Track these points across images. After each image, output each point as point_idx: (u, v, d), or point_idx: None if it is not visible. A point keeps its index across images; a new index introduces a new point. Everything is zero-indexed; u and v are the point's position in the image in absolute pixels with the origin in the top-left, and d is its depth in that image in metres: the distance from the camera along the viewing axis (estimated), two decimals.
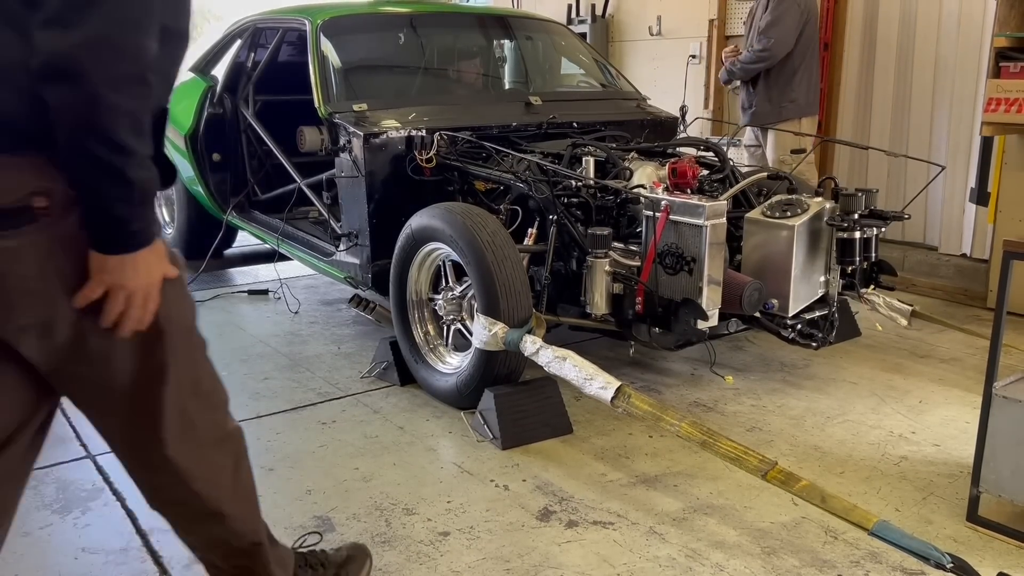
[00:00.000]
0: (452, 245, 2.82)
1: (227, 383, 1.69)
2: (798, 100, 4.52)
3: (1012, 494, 2.12)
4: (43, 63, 1.12)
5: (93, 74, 1.11)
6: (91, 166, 1.16)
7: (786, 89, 4.50)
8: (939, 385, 3.20)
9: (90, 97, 1.11)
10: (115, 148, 1.15)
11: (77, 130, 1.14)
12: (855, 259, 2.82)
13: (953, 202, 4.61)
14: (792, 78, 4.49)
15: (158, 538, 2.18)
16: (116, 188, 1.18)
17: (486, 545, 2.14)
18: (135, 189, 1.19)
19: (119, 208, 1.19)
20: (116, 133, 1.14)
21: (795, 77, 4.49)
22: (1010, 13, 3.82)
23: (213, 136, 4.63)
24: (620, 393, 2.28)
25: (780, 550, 2.11)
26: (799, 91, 4.51)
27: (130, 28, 1.14)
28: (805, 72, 4.51)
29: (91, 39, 1.10)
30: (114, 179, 1.17)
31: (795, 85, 4.50)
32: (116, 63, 1.12)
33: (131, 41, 1.14)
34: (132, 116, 1.16)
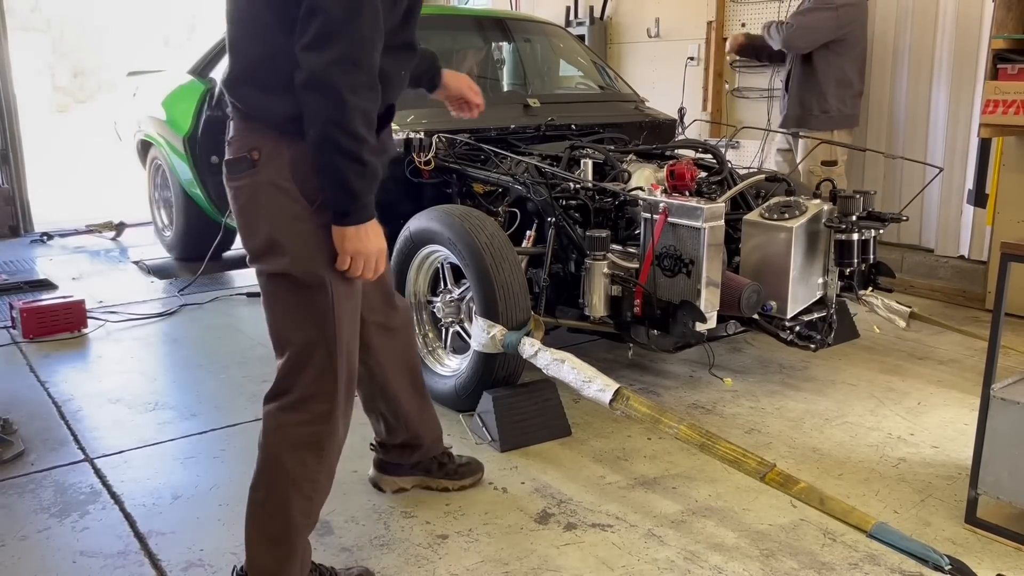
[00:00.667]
0: (450, 247, 2.82)
1: (226, 385, 1.70)
2: (831, 111, 4.39)
3: (1010, 496, 2.12)
4: (305, 78, 1.54)
5: (341, 84, 1.53)
6: (337, 151, 1.56)
7: (819, 99, 4.38)
8: (937, 387, 3.21)
9: (339, 101, 1.53)
10: (354, 137, 1.56)
11: (328, 124, 1.55)
12: (853, 261, 2.83)
13: (950, 204, 4.61)
14: (827, 87, 4.36)
15: (156, 541, 2.18)
16: (354, 167, 1.58)
17: (485, 548, 2.14)
18: (367, 169, 1.60)
19: (355, 183, 1.60)
20: (354, 126, 1.55)
21: (830, 87, 4.36)
22: (1008, 15, 3.82)
23: (212, 139, 4.62)
24: (619, 395, 2.28)
25: (779, 552, 2.11)
26: (833, 102, 4.38)
27: (365, 48, 1.56)
28: (843, 84, 4.38)
29: (338, 59, 1.53)
30: (353, 160, 1.57)
31: (829, 96, 4.37)
32: (356, 75, 1.55)
33: (365, 58, 1.56)
34: (365, 113, 1.58)
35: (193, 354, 3.64)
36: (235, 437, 2.78)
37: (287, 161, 1.65)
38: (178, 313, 4.22)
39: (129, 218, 6.25)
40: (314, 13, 1.53)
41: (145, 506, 2.35)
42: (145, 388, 3.24)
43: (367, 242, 1.66)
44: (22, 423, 2.88)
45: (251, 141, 1.67)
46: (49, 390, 3.22)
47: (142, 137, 5.42)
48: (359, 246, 1.65)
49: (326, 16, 1.52)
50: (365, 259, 1.67)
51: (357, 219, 1.64)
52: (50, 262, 5.42)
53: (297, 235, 1.67)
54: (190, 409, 3.03)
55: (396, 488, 2.39)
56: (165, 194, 5.42)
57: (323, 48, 1.53)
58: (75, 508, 2.35)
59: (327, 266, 1.68)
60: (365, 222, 1.65)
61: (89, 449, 2.72)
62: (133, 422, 2.93)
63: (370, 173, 1.61)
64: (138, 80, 5.66)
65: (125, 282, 4.88)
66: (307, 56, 1.54)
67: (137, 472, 2.56)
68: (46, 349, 3.69)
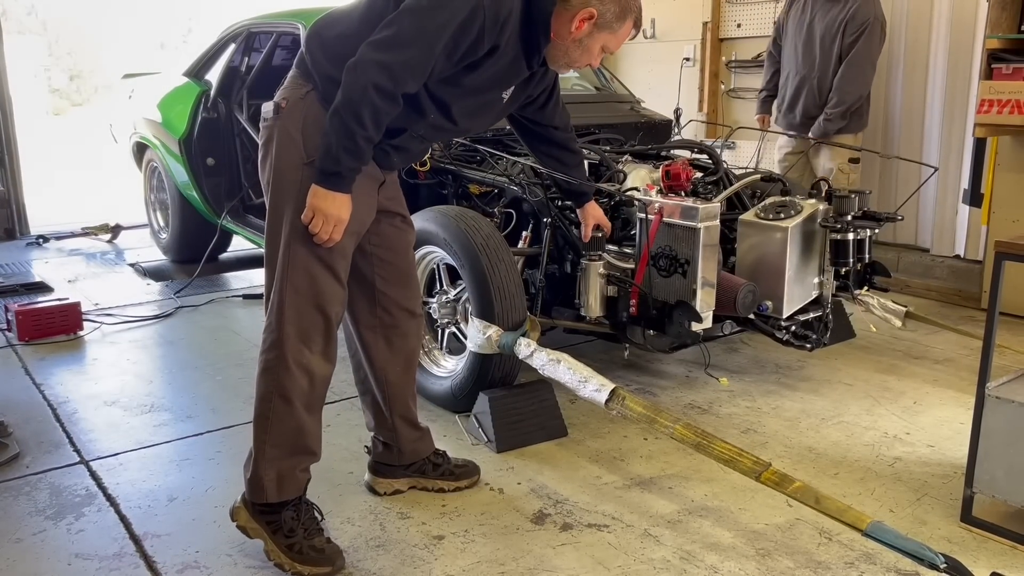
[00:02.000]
0: (446, 248, 2.82)
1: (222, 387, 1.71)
2: (864, 117, 4.38)
3: (1006, 494, 2.12)
4: (353, 61, 1.83)
5: (370, 79, 1.81)
6: (340, 123, 1.83)
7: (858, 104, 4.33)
8: (933, 386, 3.21)
9: (362, 89, 1.81)
10: (358, 120, 1.83)
11: (345, 100, 1.83)
12: (849, 260, 2.83)
13: (946, 203, 4.62)
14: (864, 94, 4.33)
15: (152, 543, 2.17)
16: (346, 142, 1.84)
17: (481, 548, 2.14)
18: (357, 148, 1.85)
19: (342, 155, 1.85)
20: (362, 113, 1.82)
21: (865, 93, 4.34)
22: (1002, 15, 3.83)
23: (207, 141, 4.62)
24: (614, 396, 2.28)
25: (775, 552, 2.11)
26: (864, 107, 4.37)
27: (404, 69, 1.84)
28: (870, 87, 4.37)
29: (382, 62, 1.82)
30: (347, 134, 1.84)
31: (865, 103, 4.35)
32: (385, 81, 1.82)
33: (399, 75, 1.83)
34: (377, 111, 1.83)
35: (189, 356, 3.63)
36: (231, 439, 2.78)
37: (301, 116, 1.96)
38: (174, 315, 4.21)
39: (125, 220, 6.23)
40: (391, 24, 1.85)
41: (141, 508, 2.35)
42: (141, 390, 3.24)
43: (330, 205, 1.89)
44: (17, 426, 2.88)
45: (286, 92, 2.01)
46: (45, 392, 3.22)
47: (138, 139, 5.41)
48: (323, 205, 1.89)
49: (397, 30, 1.84)
50: (324, 219, 1.90)
51: (331, 184, 1.88)
52: (46, 264, 5.41)
53: (287, 176, 1.97)
54: (186, 411, 3.02)
55: (391, 490, 2.40)
56: (161, 196, 5.42)
57: (379, 50, 1.83)
58: (70, 510, 2.34)
59: (295, 208, 1.95)
60: (337, 190, 1.89)
61: (84, 451, 2.71)
62: (129, 424, 2.92)
63: (357, 153, 1.87)
64: (134, 82, 5.66)
65: (121, 284, 4.87)
66: (365, 48, 1.84)
67: (133, 474, 2.56)
68: (42, 352, 3.69)
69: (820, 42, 4.32)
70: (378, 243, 2.18)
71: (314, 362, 2.03)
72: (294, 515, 2.05)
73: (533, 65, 2.05)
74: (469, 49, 1.89)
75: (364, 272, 2.19)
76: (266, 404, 2.02)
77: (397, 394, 2.33)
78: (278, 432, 2.02)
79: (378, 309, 2.23)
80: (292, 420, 2.03)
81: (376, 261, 2.20)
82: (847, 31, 4.20)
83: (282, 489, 2.05)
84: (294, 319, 1.98)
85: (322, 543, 2.06)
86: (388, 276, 2.22)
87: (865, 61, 4.23)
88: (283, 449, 2.03)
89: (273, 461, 2.03)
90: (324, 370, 2.07)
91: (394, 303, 2.24)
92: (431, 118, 2.02)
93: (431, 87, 1.95)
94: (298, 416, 2.03)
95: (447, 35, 1.84)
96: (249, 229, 4.47)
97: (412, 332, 2.31)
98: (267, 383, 2.02)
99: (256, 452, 2.04)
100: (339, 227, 1.93)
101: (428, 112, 2.00)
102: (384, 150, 2.01)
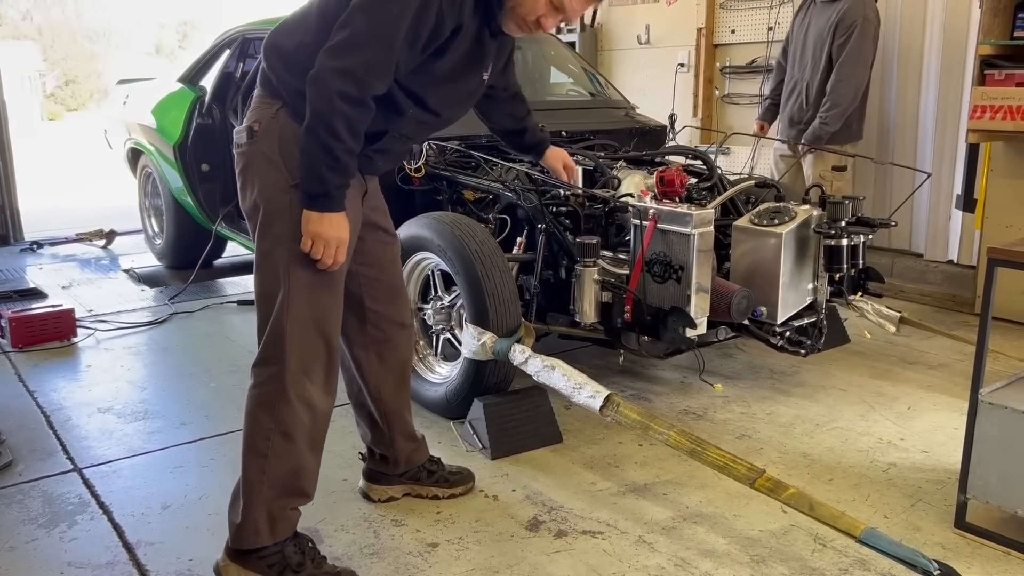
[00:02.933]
0: (441, 255, 2.82)
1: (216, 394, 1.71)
2: (852, 126, 4.31)
3: (999, 500, 2.13)
4: (314, 72, 1.76)
5: (335, 88, 1.74)
6: (316, 140, 1.76)
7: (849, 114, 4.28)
8: (927, 391, 3.22)
9: (329, 100, 1.74)
10: (333, 134, 1.75)
11: (315, 115, 1.76)
12: (843, 266, 2.83)
13: (939, 209, 4.64)
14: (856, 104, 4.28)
15: (145, 551, 2.16)
16: (326, 158, 1.76)
17: (475, 556, 2.13)
18: (338, 163, 1.77)
19: (326, 173, 1.78)
20: (335, 125, 1.75)
21: (857, 103, 4.28)
22: (994, 21, 3.85)
23: (202, 146, 4.62)
24: (609, 402, 2.28)
25: (769, 558, 2.11)
26: (855, 117, 4.31)
27: (366, 70, 1.76)
28: (862, 97, 4.31)
29: (342, 68, 1.74)
30: (326, 152, 1.76)
31: (854, 112, 4.28)
32: (350, 87, 1.74)
33: (363, 77, 1.76)
34: (349, 120, 1.76)
35: (183, 363, 3.63)
36: (225, 446, 2.77)
37: (277, 136, 1.87)
38: (168, 321, 4.20)
39: (119, 226, 6.22)
40: (344, 26, 1.77)
41: (134, 516, 2.34)
42: (135, 397, 3.23)
43: (328, 228, 1.82)
44: (10, 433, 2.87)
45: (256, 114, 1.92)
46: (38, 399, 3.20)
47: (132, 145, 5.41)
48: (319, 229, 1.82)
49: (351, 32, 1.76)
50: (325, 243, 1.83)
51: (321, 206, 1.81)
52: (40, 271, 5.40)
53: (274, 201, 1.88)
54: (180, 418, 3.01)
55: (386, 497, 2.39)
56: (155, 202, 5.41)
57: (337, 56, 1.75)
58: (63, 518, 2.33)
59: (290, 234, 1.86)
60: (329, 211, 1.82)
61: (78, 459, 2.70)
62: (122, 431, 2.91)
63: (341, 169, 1.79)
64: (128, 88, 5.66)
65: (115, 290, 4.86)
66: (322, 56, 1.77)
67: (126, 482, 2.55)
68: (35, 358, 3.67)
69: (812, 47, 4.33)
70: (363, 261, 2.12)
71: (316, 396, 1.94)
72: (296, 549, 1.98)
73: (495, 33, 1.96)
74: (432, 34, 1.81)
75: (352, 291, 2.12)
76: (264, 441, 1.90)
77: (393, 410, 2.29)
78: (277, 472, 1.92)
79: (368, 327, 2.18)
80: (292, 459, 1.93)
81: (363, 280, 2.14)
82: (837, 33, 4.18)
83: (276, 530, 1.96)
84: (297, 350, 1.89)
85: (333, 568, 2.01)
86: (377, 293, 2.17)
87: (855, 62, 4.17)
88: (278, 490, 1.94)
89: (267, 502, 1.93)
90: (325, 404, 1.98)
91: (385, 319, 2.20)
92: (410, 114, 1.94)
93: (403, 82, 1.87)
94: (299, 454, 1.94)
95: (404, 26, 1.76)
96: (244, 235, 4.46)
97: (404, 343, 2.28)
98: (265, 418, 1.90)
99: (250, 494, 1.93)
100: (341, 248, 1.86)
101: (406, 109, 1.92)
102: (367, 156, 1.94)
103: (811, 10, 4.40)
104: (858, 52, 4.16)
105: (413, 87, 1.90)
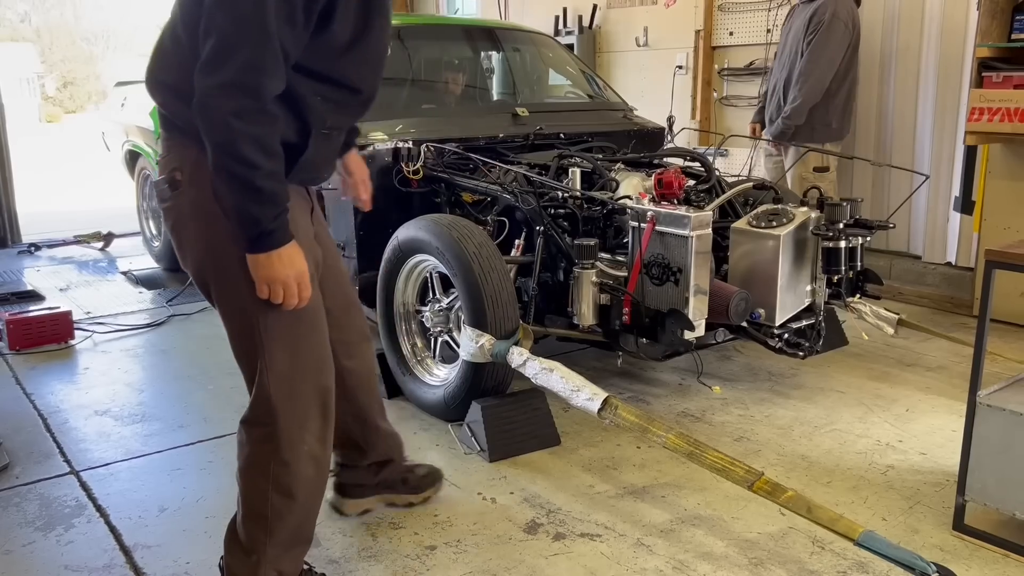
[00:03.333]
0: (439, 257, 2.82)
1: (215, 397, 1.70)
2: (832, 124, 4.34)
3: (997, 502, 2.12)
4: (196, 101, 1.52)
5: (225, 110, 1.51)
6: (230, 178, 1.54)
7: (823, 112, 4.31)
8: (926, 393, 3.22)
9: (225, 127, 1.51)
10: (244, 163, 1.52)
11: (217, 150, 1.54)
12: (841, 268, 2.83)
13: (937, 211, 4.64)
14: (831, 101, 4.30)
15: (142, 555, 2.16)
16: (247, 194, 1.55)
17: (473, 559, 2.13)
18: (263, 193, 1.55)
19: (253, 209, 1.56)
20: (244, 152, 1.52)
21: (834, 100, 4.31)
22: (992, 23, 3.85)
23: None
24: (607, 405, 2.27)
25: (767, 561, 2.11)
26: (835, 115, 4.33)
27: (252, 73, 1.51)
28: (845, 96, 4.34)
29: (224, 83, 1.50)
30: (245, 187, 1.54)
31: (832, 109, 4.31)
32: (240, 100, 1.51)
33: (252, 82, 1.52)
34: (257, 139, 1.53)
35: (181, 365, 3.62)
36: (222, 449, 2.77)
37: (207, 181, 1.61)
38: (166, 324, 4.20)
39: (117, 228, 6.22)
40: (208, 35, 1.52)
41: (131, 519, 2.34)
42: (132, 400, 3.22)
43: (280, 268, 1.61)
44: (7, 436, 2.86)
45: (174, 160, 1.68)
46: (35, 402, 3.20)
47: (130, 147, 5.40)
48: (271, 273, 1.61)
49: (217, 38, 1.51)
50: (283, 285, 1.63)
51: (263, 246, 1.59)
52: (37, 273, 5.40)
53: (224, 256, 1.67)
54: (177, 421, 3.01)
55: (361, 510, 2.31)
56: (153, 204, 5.40)
57: (212, 71, 1.51)
58: (60, 521, 2.33)
59: (248, 287, 1.65)
60: (274, 248, 1.60)
61: (75, 462, 2.70)
62: (120, 434, 2.91)
63: (269, 199, 1.57)
64: (127, 90, 5.65)
65: (113, 293, 4.85)
66: (199, 77, 1.53)
67: (123, 485, 2.54)
68: (32, 361, 3.67)
69: (790, 46, 4.41)
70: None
71: (316, 448, 1.80)
72: None
73: None
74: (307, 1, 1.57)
75: None
76: (262, 502, 1.76)
77: (366, 417, 2.17)
78: (280, 531, 1.79)
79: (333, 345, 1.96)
80: (295, 516, 1.81)
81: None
82: (808, 31, 4.26)
83: None
84: (286, 408, 1.73)
85: None
86: (337, 320, 1.97)
87: (819, 56, 4.20)
88: (284, 547, 1.82)
89: (274, 561, 1.81)
90: (326, 454, 1.85)
91: (345, 342, 2.04)
92: (327, 102, 1.70)
93: (305, 67, 1.64)
94: (301, 509, 1.81)
95: (271, 4, 1.51)
96: None
97: (368, 355, 2.15)
98: (260, 480, 1.76)
99: (254, 553, 1.80)
100: (303, 281, 1.65)
101: (319, 97, 1.68)
102: (304, 168, 1.72)
103: (794, 12, 4.51)
104: (823, 47, 4.21)
105: (318, 68, 1.66)
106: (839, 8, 4.20)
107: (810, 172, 4.38)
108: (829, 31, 4.18)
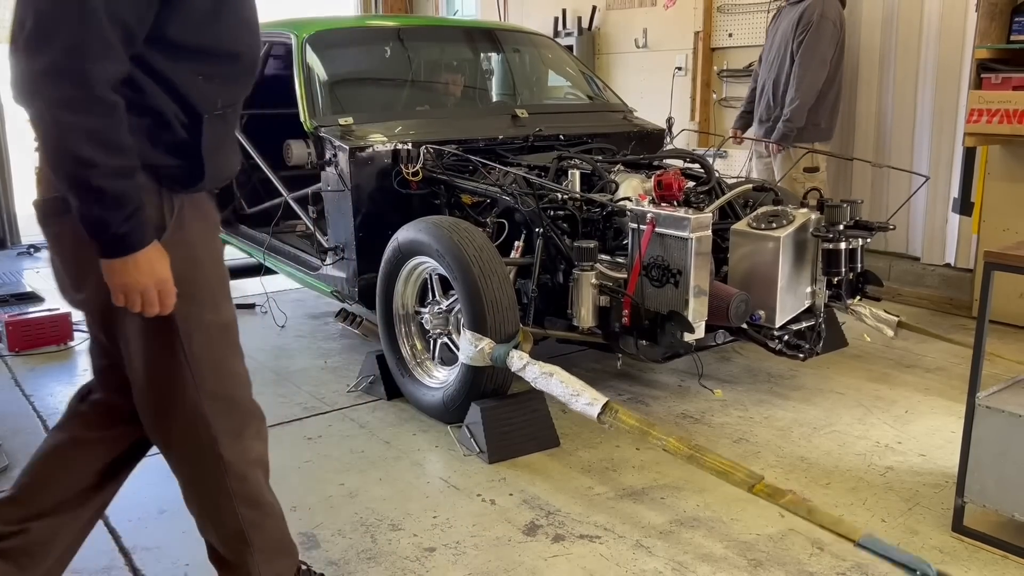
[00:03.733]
0: (438, 259, 2.82)
1: None
2: (820, 124, 4.36)
3: (996, 504, 2.13)
4: (14, 89, 1.32)
5: (50, 100, 1.29)
6: (65, 177, 1.34)
7: (813, 113, 4.33)
8: (925, 395, 3.22)
9: (53, 120, 1.30)
10: (78, 161, 1.31)
11: (44, 145, 1.34)
12: (841, 270, 2.83)
13: (936, 212, 4.64)
14: (821, 102, 4.33)
15: (141, 556, 2.16)
16: (86, 195, 1.34)
17: (472, 560, 2.13)
18: (105, 195, 1.34)
19: (96, 211, 1.35)
20: (77, 148, 1.30)
21: (823, 101, 4.34)
22: (991, 25, 3.86)
23: None
24: (607, 409, 2.28)
25: (766, 563, 2.11)
26: (823, 115, 4.35)
27: (79, 55, 1.29)
28: (833, 96, 4.36)
29: (47, 68, 1.29)
30: (81, 187, 1.33)
31: (821, 110, 4.34)
32: (67, 88, 1.29)
33: (79, 67, 1.29)
34: (94, 133, 1.31)
35: None
36: None
37: None
38: None
39: None
40: (27, 10, 1.30)
41: (130, 521, 2.33)
42: None
43: (136, 274, 1.41)
44: (7, 437, 2.86)
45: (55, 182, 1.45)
46: (34, 404, 3.20)
47: None
48: (127, 279, 1.41)
49: (35, 20, 1.29)
50: (141, 293, 1.43)
51: (115, 250, 1.39)
52: (37, 274, 5.39)
53: None
54: None
55: None
56: None
57: (32, 54, 1.30)
58: None
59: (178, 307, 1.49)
60: (128, 253, 1.40)
61: None
62: None
63: (113, 199, 1.35)
64: None
65: None
66: (15, 60, 1.31)
67: (122, 486, 2.54)
68: (32, 362, 3.67)
69: (778, 47, 4.44)
70: None
71: (259, 447, 1.71)
72: None
73: None
74: None
75: None
76: (234, 519, 1.68)
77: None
78: (261, 540, 1.73)
79: None
80: (270, 518, 1.75)
81: None
82: (797, 31, 4.29)
83: None
84: (224, 426, 1.62)
85: None
86: None
87: (812, 57, 4.24)
88: (271, 553, 1.76)
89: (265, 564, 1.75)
90: (265, 448, 1.75)
91: None
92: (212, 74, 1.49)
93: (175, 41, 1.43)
94: (273, 510, 1.76)
95: None
96: (241, 239, 4.45)
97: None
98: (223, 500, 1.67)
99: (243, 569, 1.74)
100: (165, 289, 1.45)
101: (202, 75, 1.48)
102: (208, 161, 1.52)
103: (781, 13, 4.54)
104: (814, 48, 4.25)
105: (187, 41, 1.44)
106: (827, 8, 4.25)
107: (801, 173, 4.40)
108: (819, 31, 4.22)
